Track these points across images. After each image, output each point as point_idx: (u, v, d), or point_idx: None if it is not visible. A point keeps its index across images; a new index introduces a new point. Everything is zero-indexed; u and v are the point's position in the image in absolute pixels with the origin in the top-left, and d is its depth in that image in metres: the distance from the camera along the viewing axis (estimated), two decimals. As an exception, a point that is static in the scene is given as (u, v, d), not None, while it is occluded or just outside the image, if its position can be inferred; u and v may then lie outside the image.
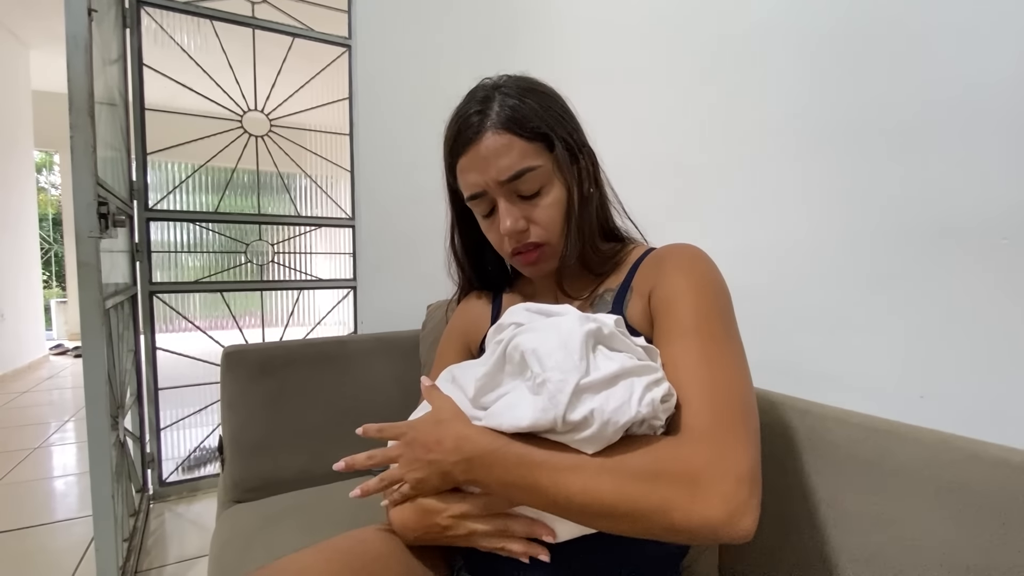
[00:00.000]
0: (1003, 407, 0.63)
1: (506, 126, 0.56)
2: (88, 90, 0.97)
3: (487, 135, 0.56)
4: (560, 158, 0.58)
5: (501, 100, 0.58)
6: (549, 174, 0.58)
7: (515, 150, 0.56)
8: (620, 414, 0.42)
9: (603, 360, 0.45)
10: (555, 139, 0.58)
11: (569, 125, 0.61)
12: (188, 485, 1.81)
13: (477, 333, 0.72)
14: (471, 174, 0.59)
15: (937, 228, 0.69)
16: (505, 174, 0.56)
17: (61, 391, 3.48)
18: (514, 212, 0.58)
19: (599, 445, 0.43)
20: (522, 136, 0.56)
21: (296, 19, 1.82)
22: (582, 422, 0.41)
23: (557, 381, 0.42)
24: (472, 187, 0.60)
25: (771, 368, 0.82)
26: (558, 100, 0.62)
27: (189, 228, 1.81)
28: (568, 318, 0.48)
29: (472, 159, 0.58)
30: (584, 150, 0.62)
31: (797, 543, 0.62)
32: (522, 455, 0.44)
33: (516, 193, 0.58)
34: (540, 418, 0.42)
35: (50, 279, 6.93)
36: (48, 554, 1.45)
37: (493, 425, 0.46)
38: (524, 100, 0.58)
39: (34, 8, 3.59)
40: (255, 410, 1.02)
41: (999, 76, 0.62)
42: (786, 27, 0.88)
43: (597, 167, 0.64)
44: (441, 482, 0.49)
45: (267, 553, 0.77)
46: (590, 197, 0.62)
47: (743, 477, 0.40)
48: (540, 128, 0.57)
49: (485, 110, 0.57)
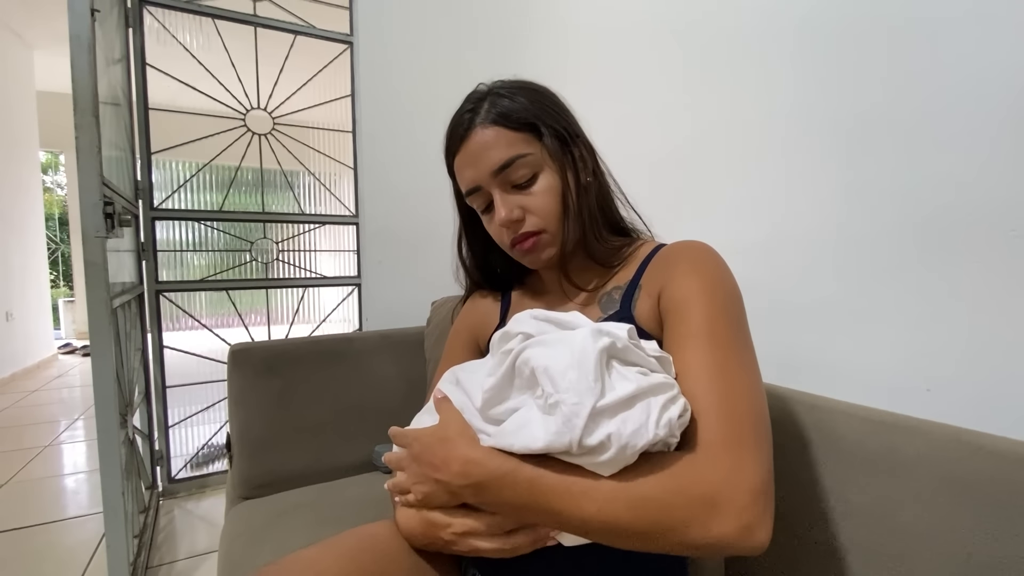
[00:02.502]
0: (1010, 400, 0.62)
1: (494, 120, 0.59)
2: (92, 90, 0.97)
3: (476, 131, 0.59)
4: (549, 145, 0.60)
5: (492, 99, 0.60)
6: (540, 162, 0.60)
7: (503, 141, 0.58)
8: (638, 437, 0.40)
9: (618, 380, 0.43)
10: (542, 127, 0.59)
11: (559, 116, 0.62)
12: (197, 482, 1.82)
13: (486, 330, 0.72)
14: (466, 170, 0.61)
15: (942, 220, 0.68)
16: (495, 165, 0.58)
17: (70, 389, 3.51)
18: (509, 202, 0.60)
19: (615, 468, 0.41)
20: (509, 127, 0.59)
21: (298, 16, 1.82)
22: (599, 447, 0.40)
23: (572, 404, 0.40)
24: (468, 182, 0.62)
25: (777, 362, 0.82)
26: (549, 95, 0.64)
27: (194, 227, 1.82)
28: (580, 332, 0.45)
29: (465, 155, 0.61)
30: (578, 140, 0.63)
31: (803, 535, 0.62)
32: (533, 479, 0.43)
33: (509, 183, 0.60)
34: (554, 441, 0.41)
35: (58, 279, 6.98)
36: (60, 550, 1.46)
37: (504, 445, 0.44)
38: (514, 97, 0.60)
39: (37, 9, 3.60)
40: (262, 407, 1.03)
41: (1003, 66, 0.61)
42: (786, 21, 0.87)
43: (594, 157, 0.65)
44: (449, 499, 0.49)
45: (276, 549, 0.78)
46: (588, 186, 0.62)
47: (758, 492, 0.40)
48: (527, 118, 0.59)
49: (476, 108, 0.60)
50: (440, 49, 1.77)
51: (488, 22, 1.75)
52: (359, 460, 1.09)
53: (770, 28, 0.90)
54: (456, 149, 0.62)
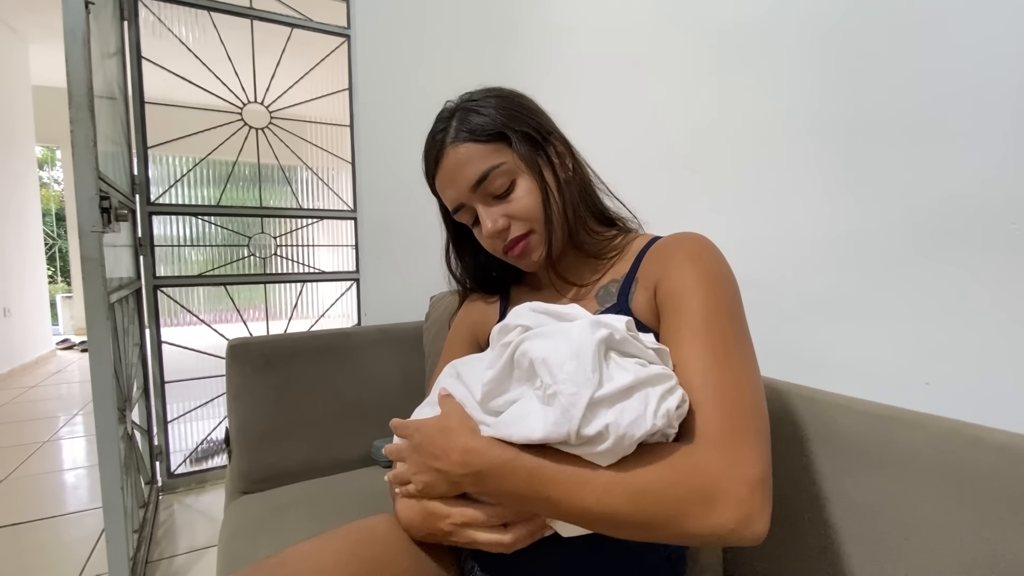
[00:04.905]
0: (1009, 393, 0.63)
1: (464, 138, 0.60)
2: (87, 84, 0.96)
3: (448, 151, 0.61)
4: (520, 151, 0.60)
5: (460, 116, 0.61)
6: (514, 168, 0.60)
7: (476, 155, 0.59)
8: (636, 427, 0.41)
9: (616, 370, 0.43)
10: (510, 133, 0.60)
11: (528, 118, 0.62)
12: (196, 477, 1.83)
13: (486, 326, 0.72)
14: (447, 190, 0.63)
15: (943, 214, 0.68)
16: (472, 180, 0.59)
17: (69, 385, 3.51)
18: (492, 213, 0.61)
19: (614, 458, 0.42)
20: (479, 141, 0.59)
21: (295, 9, 1.80)
22: (596, 436, 0.40)
23: (570, 394, 0.41)
24: (451, 201, 0.63)
25: (777, 356, 0.82)
26: (515, 99, 0.64)
27: (192, 222, 1.81)
28: (578, 324, 0.46)
29: (443, 176, 0.62)
30: (550, 137, 0.63)
31: (801, 529, 0.62)
32: (533, 469, 0.43)
33: (490, 195, 0.61)
34: (553, 431, 0.41)
35: (55, 274, 6.97)
36: (60, 546, 1.47)
37: (503, 435, 0.45)
38: (480, 110, 0.61)
39: (32, 2, 3.58)
40: (261, 402, 1.03)
41: (1006, 62, 0.61)
42: (792, 17, 0.86)
43: (571, 151, 0.65)
44: (449, 489, 0.49)
45: (275, 543, 0.78)
46: (568, 180, 0.63)
47: (756, 483, 0.40)
48: (495, 128, 0.60)
49: (446, 128, 0.62)
50: (438, 42, 1.75)
51: (487, 15, 1.73)
52: (358, 455, 1.09)
53: (775, 24, 0.90)
54: (434, 171, 0.63)
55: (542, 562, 0.52)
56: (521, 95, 0.65)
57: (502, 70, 1.66)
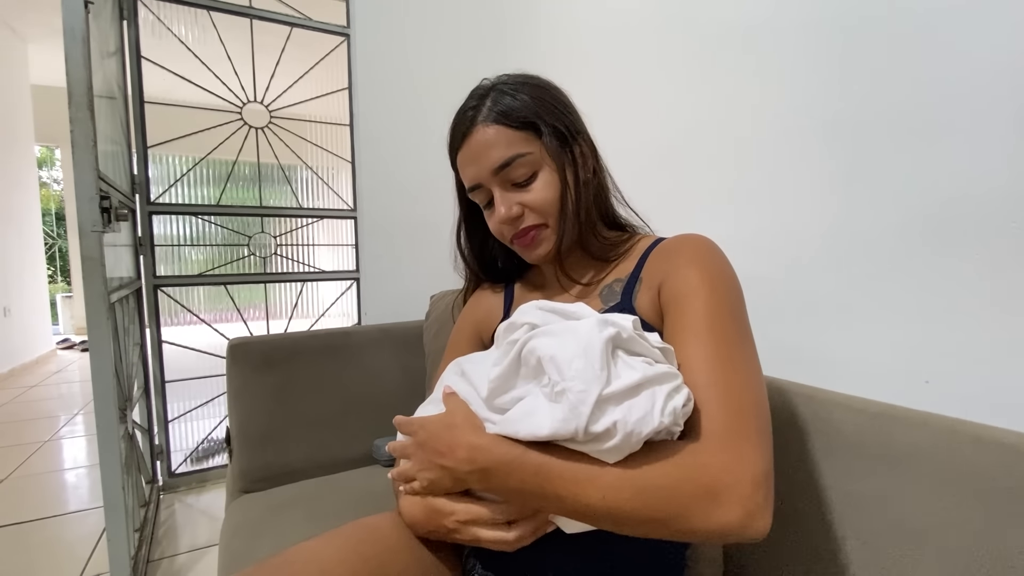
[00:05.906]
0: (1009, 392, 0.63)
1: (495, 119, 0.59)
2: (87, 84, 0.96)
3: (478, 129, 0.60)
4: (549, 144, 0.60)
5: (495, 96, 0.60)
6: (539, 160, 0.60)
7: (504, 140, 0.59)
8: (643, 424, 0.41)
9: (624, 368, 0.44)
10: (542, 125, 0.60)
11: (561, 113, 0.62)
12: (197, 476, 1.83)
13: (490, 323, 0.72)
14: (468, 167, 0.62)
15: (943, 212, 0.68)
16: (496, 163, 0.59)
17: (69, 385, 3.51)
18: (508, 200, 0.61)
19: (620, 455, 0.42)
20: (510, 126, 0.59)
21: (294, 8, 1.80)
22: (604, 433, 0.41)
23: (578, 391, 0.41)
24: (470, 179, 0.63)
25: (777, 354, 0.82)
26: (551, 91, 0.64)
27: (192, 222, 1.81)
28: (586, 322, 0.46)
29: (467, 153, 0.61)
30: (579, 137, 0.63)
31: (801, 527, 0.62)
32: (539, 465, 0.43)
33: (509, 181, 0.60)
34: (560, 428, 0.41)
35: (55, 274, 6.97)
36: (62, 545, 1.47)
37: (509, 432, 0.45)
38: (517, 95, 0.60)
39: (31, 2, 3.57)
40: (261, 401, 1.03)
41: (1005, 60, 0.61)
42: (795, 18, 0.86)
43: (595, 154, 0.65)
44: (454, 486, 0.49)
45: (276, 542, 0.78)
46: (587, 182, 0.63)
47: (759, 481, 0.41)
48: (528, 117, 0.59)
49: (479, 106, 0.61)
50: (438, 41, 1.75)
51: (487, 14, 1.73)
52: (359, 454, 1.09)
53: (775, 23, 0.90)
54: (459, 146, 0.63)
55: (544, 559, 0.52)
56: (557, 88, 0.65)
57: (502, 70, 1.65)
